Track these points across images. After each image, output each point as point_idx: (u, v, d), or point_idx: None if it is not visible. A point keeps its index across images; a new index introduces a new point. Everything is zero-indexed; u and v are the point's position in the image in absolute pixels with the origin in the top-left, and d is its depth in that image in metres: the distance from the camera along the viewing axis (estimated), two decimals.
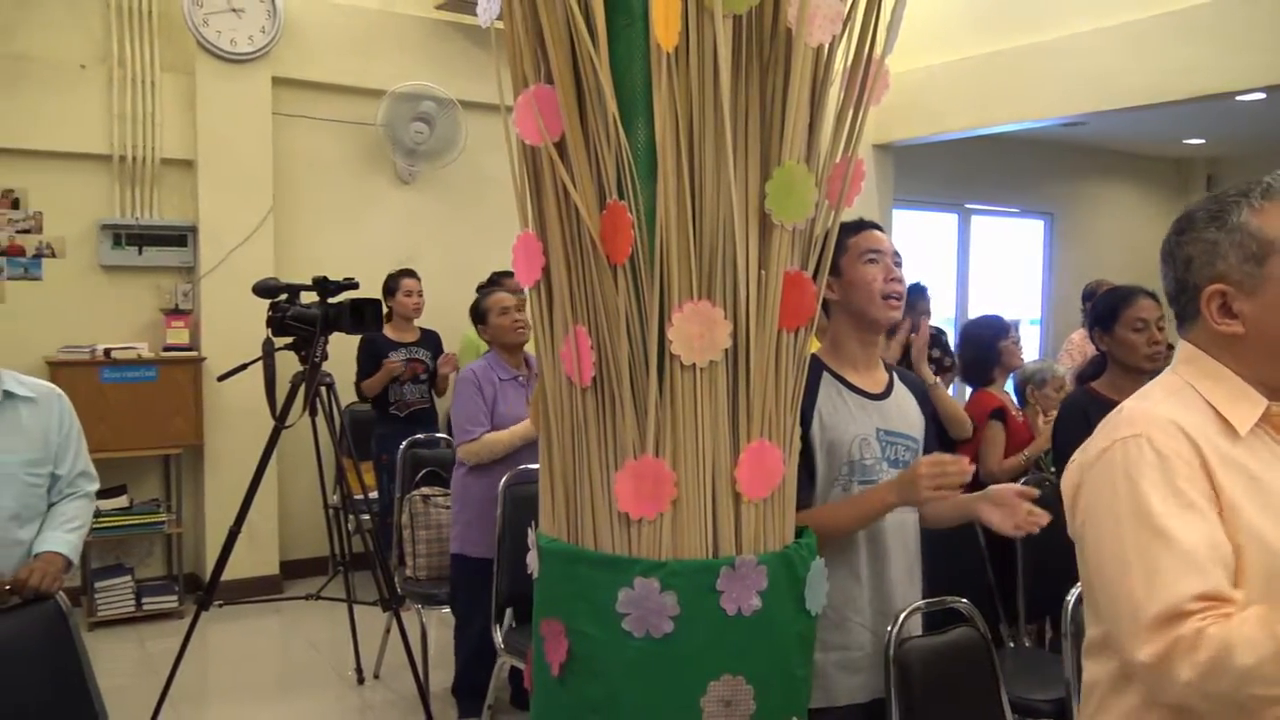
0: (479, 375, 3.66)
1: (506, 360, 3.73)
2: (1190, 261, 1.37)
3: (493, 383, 3.64)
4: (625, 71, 1.63)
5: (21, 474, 2.43)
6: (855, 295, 2.10)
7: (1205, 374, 1.37)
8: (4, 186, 5.07)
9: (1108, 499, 1.31)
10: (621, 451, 1.65)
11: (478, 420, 3.58)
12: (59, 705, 2.21)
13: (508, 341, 3.72)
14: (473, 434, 3.58)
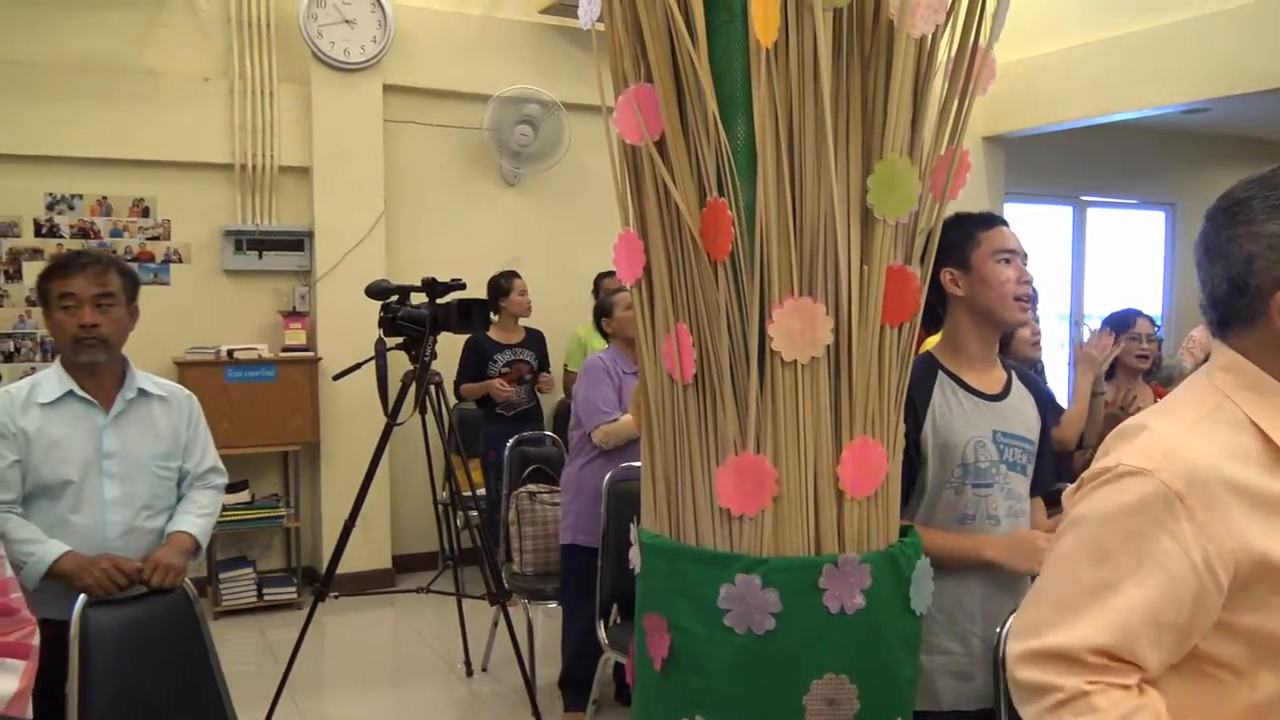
0: (605, 362, 3.71)
1: (628, 355, 3.77)
2: (1252, 260, 1.18)
3: (618, 374, 3.68)
4: (725, 68, 1.63)
5: (153, 467, 2.55)
6: (985, 294, 2.04)
7: (1250, 385, 1.20)
8: (135, 196, 5.34)
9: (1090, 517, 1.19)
10: (723, 448, 1.65)
11: (612, 403, 3.62)
12: (187, 689, 2.32)
13: (630, 335, 3.76)
14: (610, 415, 3.61)
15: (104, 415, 2.50)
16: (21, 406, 2.44)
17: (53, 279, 2.45)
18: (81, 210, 5.24)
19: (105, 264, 2.50)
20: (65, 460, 2.43)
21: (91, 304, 2.42)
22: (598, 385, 3.68)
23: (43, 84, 5.01)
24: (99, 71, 5.13)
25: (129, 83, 5.18)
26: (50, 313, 2.44)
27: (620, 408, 3.64)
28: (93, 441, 2.48)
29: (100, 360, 2.47)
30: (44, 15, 5.05)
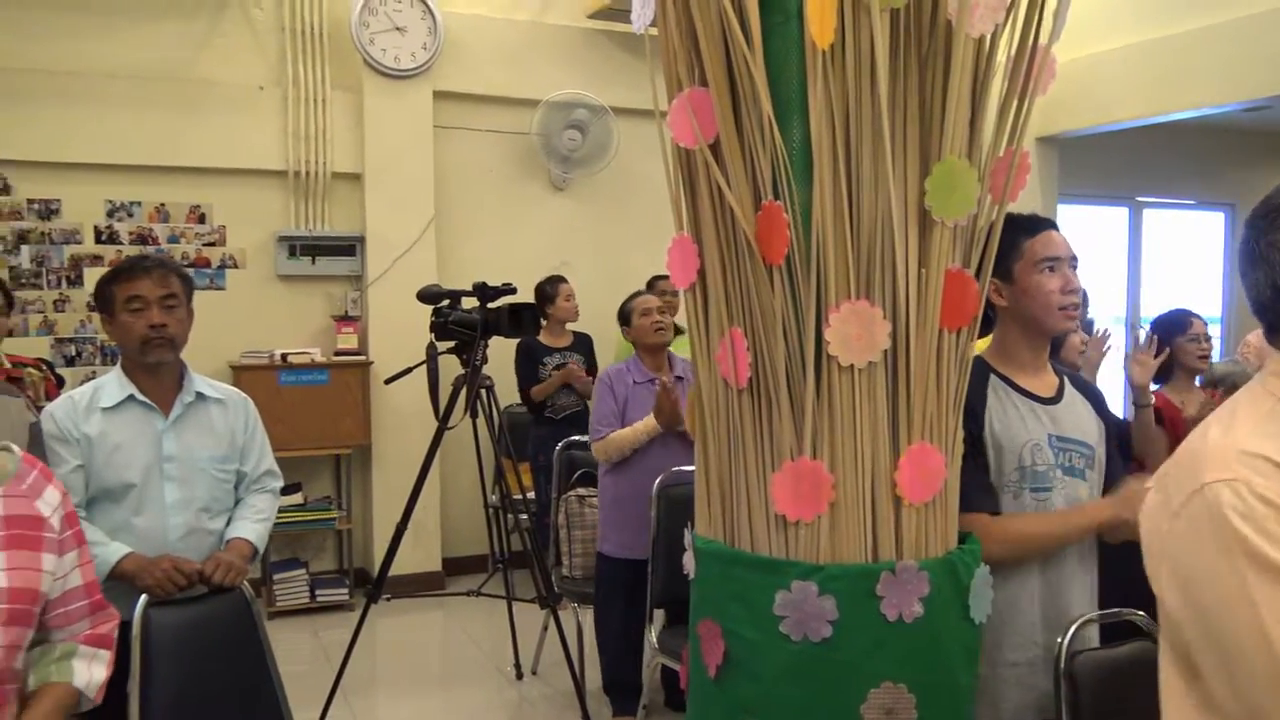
0: (612, 377, 3.76)
1: (646, 362, 3.78)
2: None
3: (626, 385, 3.71)
4: (780, 70, 1.62)
5: (211, 469, 2.59)
6: (1028, 304, 2.00)
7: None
8: (192, 202, 5.43)
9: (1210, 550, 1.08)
10: (779, 453, 1.64)
11: (607, 420, 3.68)
12: (245, 688, 2.35)
13: (646, 342, 3.79)
14: (600, 433, 3.69)
15: (163, 419, 2.54)
16: (84, 412, 2.48)
17: (119, 282, 2.49)
18: (140, 217, 5.35)
19: (168, 267, 2.55)
20: (127, 464, 2.47)
21: (158, 305, 2.47)
22: (599, 400, 3.74)
23: (104, 93, 5.11)
24: (158, 80, 5.23)
25: (186, 91, 5.28)
26: (115, 316, 2.48)
27: (621, 421, 3.66)
28: (153, 445, 2.52)
29: (167, 360, 2.52)
30: (105, 26, 5.16)
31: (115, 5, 5.16)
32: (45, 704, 1.54)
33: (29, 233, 5.16)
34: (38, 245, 5.18)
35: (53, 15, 5.07)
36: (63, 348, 5.24)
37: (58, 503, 1.58)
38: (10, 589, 1.45)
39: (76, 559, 1.60)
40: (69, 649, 1.61)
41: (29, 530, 1.51)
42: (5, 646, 1.45)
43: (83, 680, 1.60)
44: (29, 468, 1.58)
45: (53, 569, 1.53)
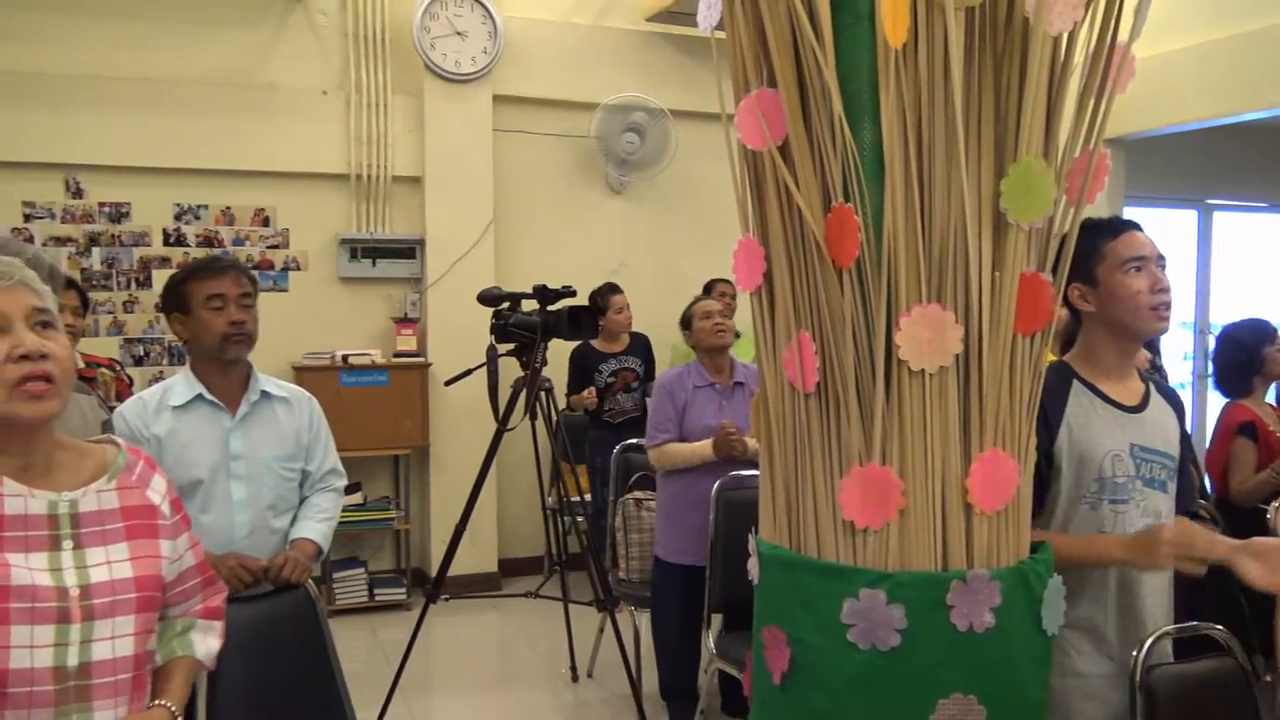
0: (671, 382, 3.73)
1: (707, 366, 3.76)
2: None
3: (685, 389, 3.69)
4: (851, 71, 1.60)
5: (277, 468, 2.62)
6: (1117, 308, 1.95)
7: None
8: (256, 205, 5.53)
9: None
10: (847, 459, 1.62)
11: (663, 426, 3.67)
12: (308, 684, 2.37)
13: (707, 344, 3.77)
14: (656, 439, 3.68)
15: (230, 418, 2.58)
16: (154, 412, 2.53)
17: (197, 280, 2.53)
18: (207, 220, 5.45)
19: (241, 268, 2.61)
20: (195, 461, 2.52)
21: (236, 303, 2.52)
22: (658, 405, 3.73)
23: (173, 99, 5.22)
24: (224, 86, 5.33)
25: (252, 96, 5.37)
26: (194, 313, 2.52)
27: (679, 428, 3.64)
28: (220, 444, 2.56)
29: (244, 356, 2.58)
30: (175, 34, 5.27)
31: (185, 14, 5.27)
32: (178, 678, 1.62)
33: (100, 235, 5.29)
34: (108, 248, 5.30)
35: (124, 24, 5.19)
36: (131, 348, 5.36)
37: (164, 489, 1.62)
38: (138, 577, 1.50)
39: (188, 541, 1.67)
40: (188, 623, 1.69)
41: (145, 519, 1.56)
42: (139, 633, 1.51)
43: (202, 651, 1.69)
44: (135, 458, 1.61)
45: (169, 554, 1.58)
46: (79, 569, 1.45)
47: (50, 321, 1.46)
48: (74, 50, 5.10)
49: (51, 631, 1.40)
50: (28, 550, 1.42)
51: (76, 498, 1.49)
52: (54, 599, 1.41)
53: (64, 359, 1.45)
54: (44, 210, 5.19)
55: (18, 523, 1.42)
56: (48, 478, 1.48)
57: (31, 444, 1.46)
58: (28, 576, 1.40)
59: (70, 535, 1.46)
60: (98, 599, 1.45)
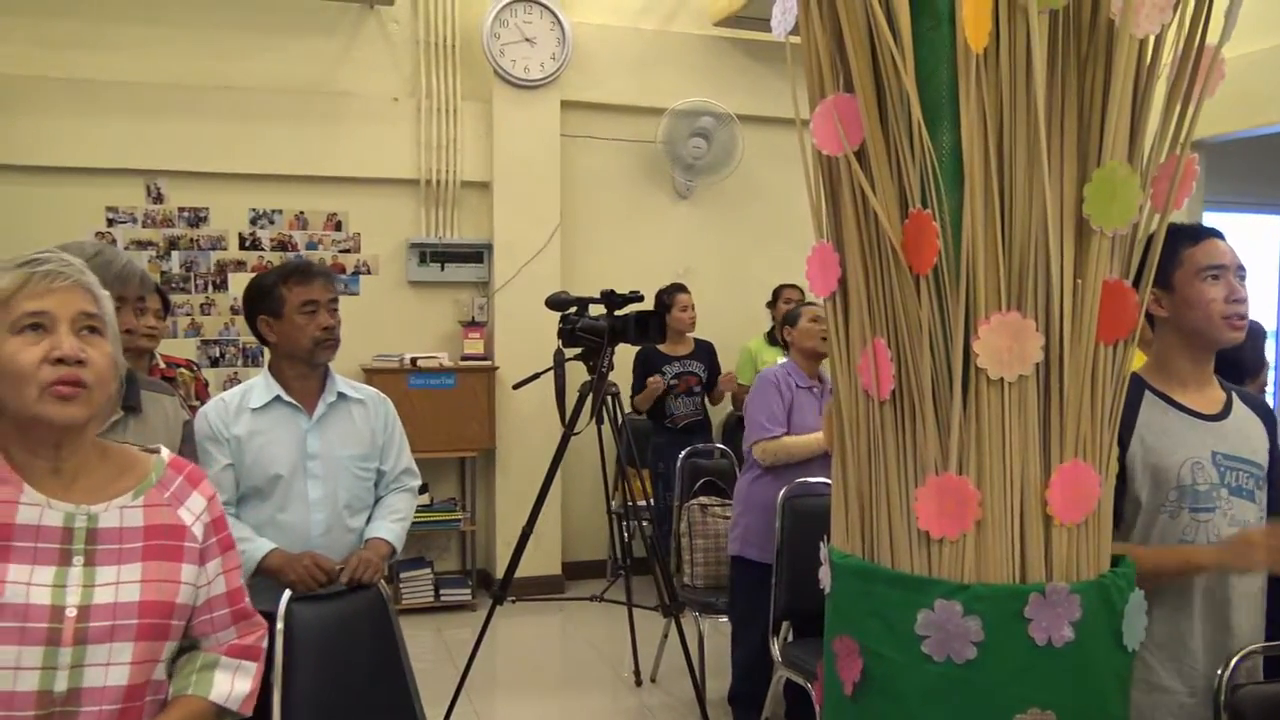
0: (777, 377, 3.69)
1: (803, 368, 3.73)
2: None
3: (790, 388, 3.66)
4: (930, 75, 1.58)
5: (352, 468, 2.67)
6: (1190, 315, 1.91)
7: None
8: (329, 210, 5.63)
9: None
10: (922, 468, 1.60)
11: (777, 419, 3.60)
12: (380, 683, 2.41)
13: (806, 347, 3.73)
14: (771, 432, 3.59)
15: (308, 419, 2.64)
16: (234, 413, 2.59)
17: (292, 286, 2.59)
18: (281, 224, 5.57)
19: (328, 273, 2.67)
20: (274, 461, 2.57)
21: (326, 308, 2.58)
22: (765, 400, 3.66)
23: (250, 107, 5.35)
24: (299, 94, 5.44)
25: (326, 104, 5.48)
26: (286, 318, 2.58)
27: (787, 424, 3.60)
28: (298, 444, 2.62)
29: (332, 360, 2.63)
30: (252, 42, 5.39)
31: (261, 23, 5.40)
32: (172, 716, 1.49)
33: (179, 239, 5.43)
34: (187, 251, 5.44)
35: (204, 33, 5.33)
36: (208, 349, 5.49)
37: (202, 509, 1.54)
38: (143, 602, 1.42)
39: (220, 566, 1.55)
40: (211, 660, 1.55)
41: (169, 540, 1.48)
42: (138, 663, 1.42)
43: (222, 693, 1.54)
44: (174, 474, 1.54)
45: (192, 579, 1.50)
46: (84, 588, 1.39)
47: (98, 328, 1.43)
48: (156, 59, 5.25)
49: (40, 654, 1.34)
50: (34, 563, 1.37)
51: (97, 512, 1.43)
52: (46, 619, 1.35)
53: (102, 367, 1.41)
54: (126, 215, 5.34)
55: (28, 533, 1.38)
56: (75, 486, 1.43)
57: (62, 448, 1.43)
58: (22, 594, 1.34)
59: (82, 551, 1.40)
60: (95, 622, 1.38)
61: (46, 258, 1.42)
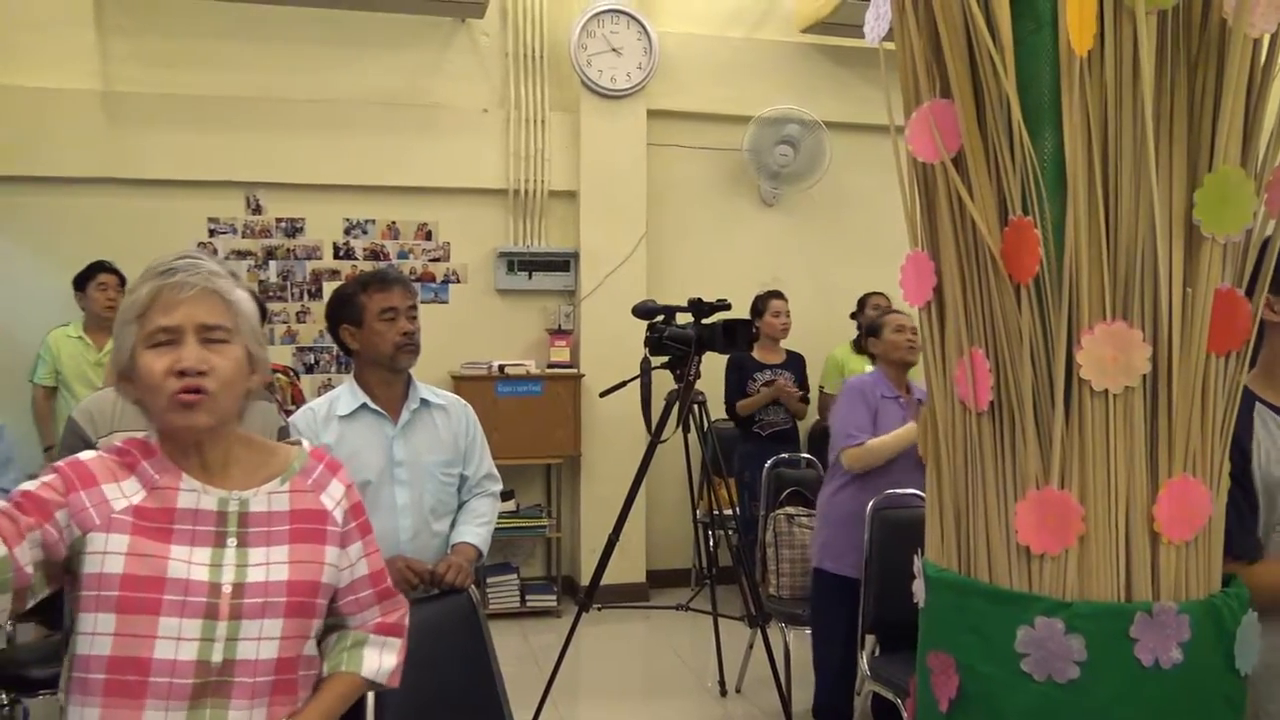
0: (863, 386, 3.64)
1: (890, 378, 3.67)
2: None
3: (875, 397, 3.60)
4: (1030, 79, 1.55)
5: (437, 473, 2.71)
6: None
7: None
8: (420, 220, 5.74)
9: None
10: (1022, 481, 1.56)
11: (863, 426, 3.55)
12: (470, 687, 2.44)
13: (894, 358, 3.67)
14: (857, 439, 3.55)
15: (393, 426, 2.68)
16: (323, 421, 2.65)
17: (370, 293, 2.65)
18: (373, 234, 5.69)
19: (406, 280, 2.71)
20: (363, 467, 2.62)
21: (405, 315, 2.63)
22: (851, 408, 3.61)
23: (344, 119, 5.48)
24: (392, 106, 5.56)
25: (417, 116, 5.59)
26: (366, 325, 2.64)
27: (873, 432, 3.55)
28: (384, 451, 2.66)
29: (413, 365, 2.68)
30: (347, 57, 5.53)
31: (356, 39, 5.53)
32: (329, 692, 1.60)
33: (276, 249, 5.58)
34: (283, 261, 5.59)
35: (300, 48, 5.48)
36: (303, 356, 5.63)
37: (341, 495, 1.63)
38: (291, 582, 1.52)
39: (362, 549, 1.66)
40: (360, 638, 1.67)
41: (312, 524, 1.58)
42: (287, 638, 1.52)
43: (372, 668, 1.66)
44: (315, 462, 1.64)
45: (335, 560, 1.59)
46: (238, 567, 1.49)
47: (223, 337, 1.50)
48: (254, 74, 5.42)
49: (199, 626, 1.44)
50: (193, 544, 1.48)
51: (247, 497, 1.53)
52: (205, 594, 1.45)
53: (226, 372, 1.49)
54: (227, 226, 5.52)
55: (188, 516, 1.49)
56: (224, 475, 1.54)
57: (203, 446, 1.53)
58: (184, 570, 1.45)
59: (235, 533, 1.51)
60: (249, 599, 1.48)
61: (177, 266, 1.51)
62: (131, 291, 1.52)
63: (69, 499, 1.43)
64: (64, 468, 1.47)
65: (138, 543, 1.44)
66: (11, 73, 5.17)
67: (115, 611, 1.42)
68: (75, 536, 1.43)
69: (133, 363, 1.49)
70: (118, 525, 1.44)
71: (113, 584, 1.42)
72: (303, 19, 5.43)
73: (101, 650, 1.42)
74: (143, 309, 1.48)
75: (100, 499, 1.45)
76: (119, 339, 1.51)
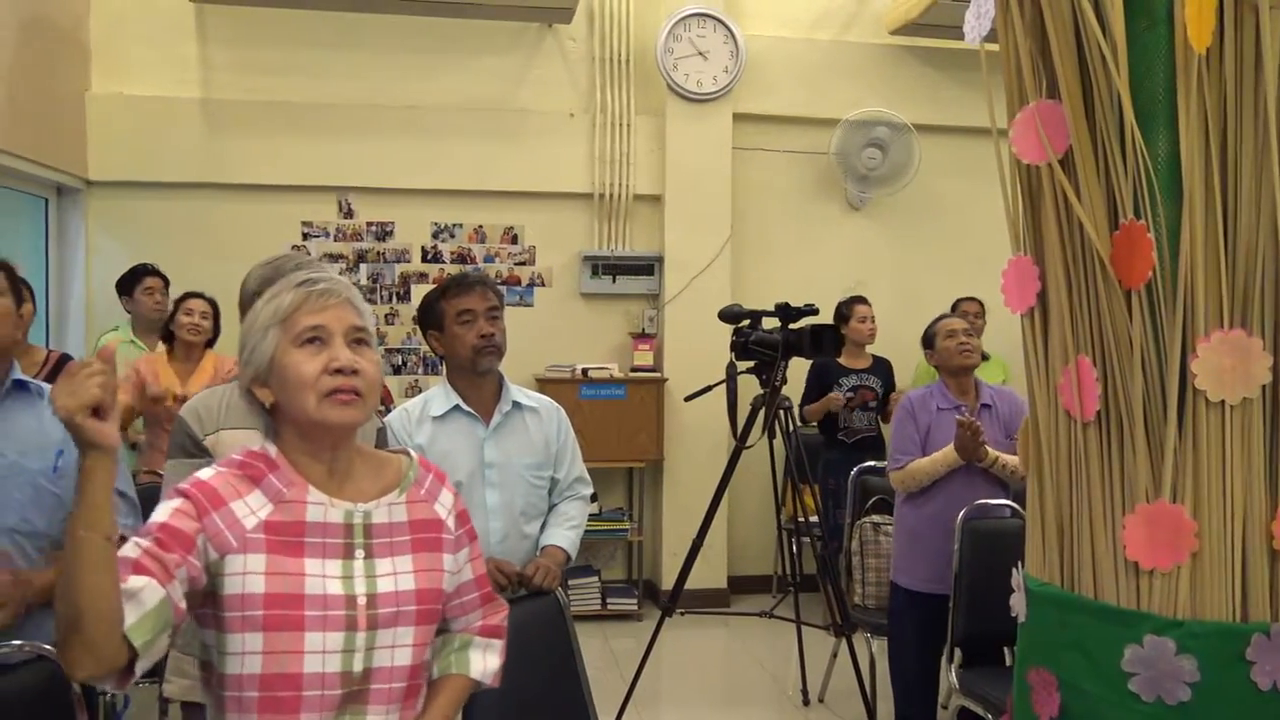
0: (914, 403, 3.59)
1: (951, 387, 3.60)
2: None
3: (929, 411, 3.54)
4: (1143, 78, 1.50)
5: (528, 476, 2.72)
6: None
7: None
8: (506, 224, 5.80)
9: None
10: (1131, 494, 1.50)
11: (906, 449, 3.52)
12: (557, 688, 2.44)
13: (951, 365, 3.61)
14: (899, 462, 3.53)
15: (485, 428, 2.70)
16: (416, 422, 2.68)
17: (449, 298, 2.68)
18: (461, 238, 5.77)
19: (487, 283, 2.73)
20: (455, 468, 2.64)
21: (485, 316, 2.64)
22: (900, 427, 3.59)
23: (434, 125, 5.57)
24: (480, 111, 5.63)
25: (505, 121, 5.65)
26: (448, 329, 2.67)
27: (923, 450, 3.49)
28: (475, 452, 2.68)
29: (495, 367, 2.69)
30: (435, 64, 5.62)
31: (444, 45, 5.62)
32: (445, 695, 1.64)
33: (367, 253, 5.70)
34: (374, 264, 5.70)
35: (391, 56, 5.59)
36: (391, 358, 5.73)
37: (451, 503, 1.66)
38: (419, 590, 1.55)
39: (468, 554, 1.68)
40: (466, 640, 1.70)
41: (431, 533, 1.61)
42: (417, 645, 1.55)
43: (479, 670, 1.69)
44: (425, 472, 1.67)
45: (450, 567, 1.62)
46: (368, 578, 1.51)
47: (365, 340, 1.55)
48: (347, 82, 5.54)
49: (341, 638, 1.46)
50: (324, 557, 1.50)
51: (370, 509, 1.55)
52: (343, 607, 1.47)
53: (372, 375, 1.53)
54: (320, 229, 5.65)
55: (317, 529, 1.50)
56: (346, 486, 1.56)
57: (338, 449, 1.55)
58: (320, 585, 1.47)
59: (362, 545, 1.53)
60: (382, 609, 1.50)
61: (319, 277, 1.56)
62: (273, 298, 1.54)
63: (203, 523, 1.45)
64: (192, 491, 1.48)
65: (274, 560, 1.46)
66: (120, 82, 5.37)
67: (262, 630, 1.44)
68: (212, 560, 1.44)
69: (273, 365, 1.52)
70: (253, 545, 1.46)
71: (256, 603, 1.44)
72: (394, 27, 5.53)
73: (253, 669, 1.44)
74: (288, 314, 1.52)
75: (232, 520, 1.46)
76: (256, 346, 1.53)
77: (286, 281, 1.56)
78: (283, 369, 1.50)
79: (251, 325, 1.55)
